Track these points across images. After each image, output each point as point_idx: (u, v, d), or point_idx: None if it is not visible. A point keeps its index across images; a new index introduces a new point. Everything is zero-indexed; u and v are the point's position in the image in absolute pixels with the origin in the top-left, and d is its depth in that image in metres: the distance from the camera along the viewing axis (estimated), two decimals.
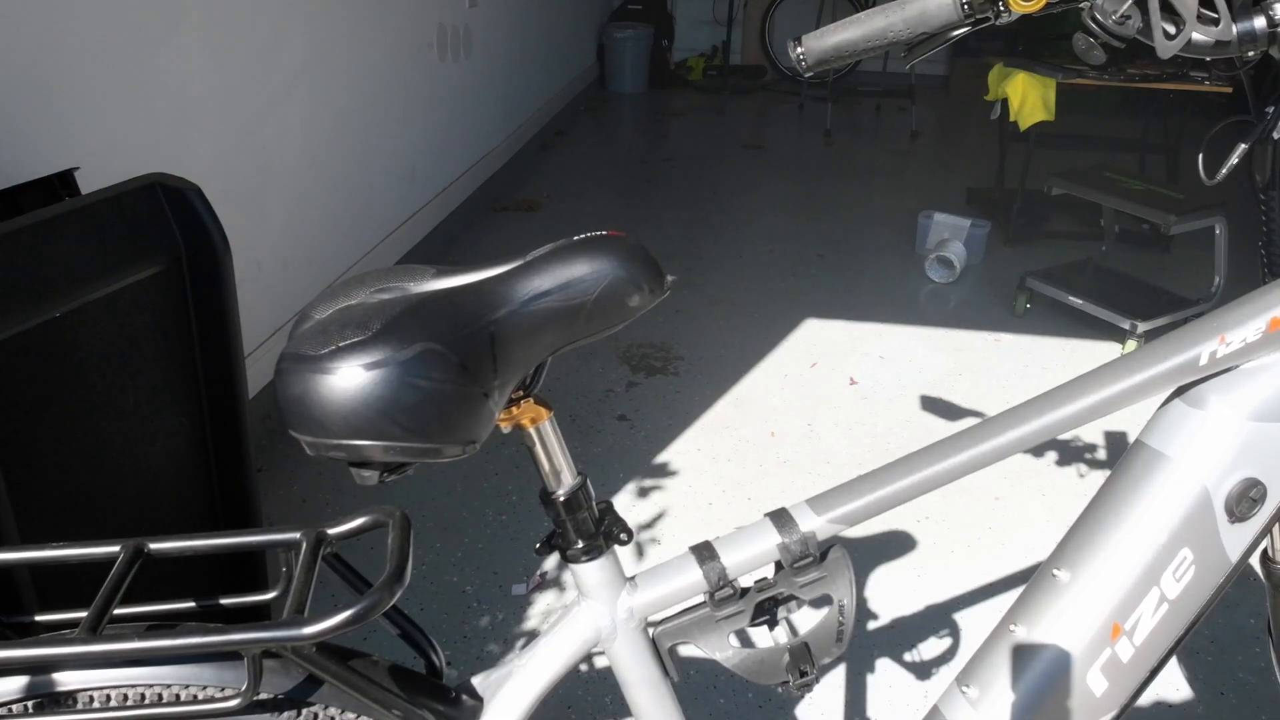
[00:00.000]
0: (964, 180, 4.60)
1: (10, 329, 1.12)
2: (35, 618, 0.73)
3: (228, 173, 2.18)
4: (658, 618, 0.85)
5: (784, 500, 0.73)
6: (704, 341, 3.03)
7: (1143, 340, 2.93)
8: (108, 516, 1.30)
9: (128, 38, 1.80)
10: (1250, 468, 0.81)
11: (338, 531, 0.69)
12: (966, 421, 2.58)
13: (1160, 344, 0.81)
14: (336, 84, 2.71)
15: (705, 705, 1.66)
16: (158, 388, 1.36)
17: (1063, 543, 0.88)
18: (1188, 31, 0.62)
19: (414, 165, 3.36)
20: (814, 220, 4.18)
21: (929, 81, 6.60)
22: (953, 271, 3.51)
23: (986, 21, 0.71)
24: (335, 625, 0.61)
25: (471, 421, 0.68)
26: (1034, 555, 2.07)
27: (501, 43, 4.27)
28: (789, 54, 0.77)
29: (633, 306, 0.71)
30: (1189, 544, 0.82)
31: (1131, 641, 0.83)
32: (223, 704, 0.67)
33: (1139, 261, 3.60)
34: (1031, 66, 3.45)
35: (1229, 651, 1.82)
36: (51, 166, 1.42)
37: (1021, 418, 0.81)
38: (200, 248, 1.35)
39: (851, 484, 0.83)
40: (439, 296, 0.70)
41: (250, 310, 2.25)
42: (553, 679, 0.83)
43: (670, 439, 2.49)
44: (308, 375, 0.65)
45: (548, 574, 1.97)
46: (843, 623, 0.81)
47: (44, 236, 1.17)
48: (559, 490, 0.80)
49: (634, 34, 6.34)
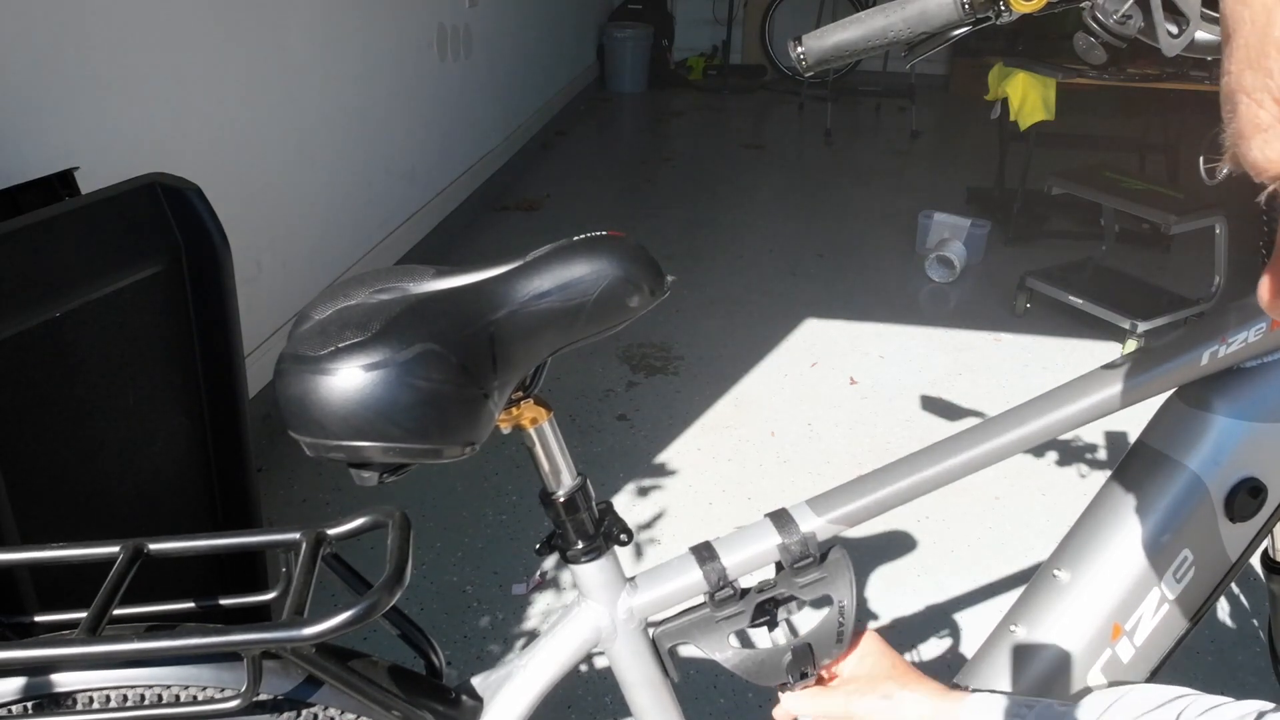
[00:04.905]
0: (964, 180, 4.60)
1: (10, 329, 1.11)
2: (35, 618, 0.73)
3: (228, 173, 2.17)
4: (658, 618, 0.85)
5: (784, 500, 0.73)
6: (704, 341, 3.03)
7: (1143, 340, 2.93)
8: (108, 516, 1.30)
9: (127, 37, 1.80)
10: (1250, 468, 0.81)
11: (337, 532, 0.69)
12: (966, 421, 2.58)
13: (1161, 344, 0.81)
14: (337, 84, 2.71)
15: (705, 705, 1.66)
16: (158, 388, 1.36)
17: (1063, 543, 0.88)
18: (1192, 30, 0.61)
19: (414, 165, 3.36)
20: (814, 220, 4.18)
21: (929, 81, 6.59)
22: (953, 271, 3.51)
23: (987, 21, 0.70)
24: (335, 626, 0.60)
25: (471, 422, 0.68)
26: (1034, 555, 2.07)
27: (501, 43, 4.26)
28: (789, 54, 0.77)
29: (633, 307, 0.71)
30: (1189, 544, 0.82)
31: (1132, 642, 0.83)
32: (222, 705, 0.66)
33: (1139, 261, 3.60)
34: (1031, 66, 3.45)
35: (1229, 651, 1.82)
36: (51, 166, 1.42)
37: (1021, 418, 0.81)
38: (200, 248, 1.34)
39: (851, 484, 0.83)
40: (439, 297, 0.69)
41: (250, 310, 2.25)
42: (553, 679, 0.83)
43: (670, 439, 2.49)
44: (307, 376, 0.65)
45: (548, 574, 1.97)
46: (843, 623, 0.81)
47: (44, 236, 1.17)
48: (559, 491, 0.80)
49: (634, 34, 6.34)
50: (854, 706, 0.78)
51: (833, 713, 0.79)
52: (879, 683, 0.79)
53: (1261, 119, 0.32)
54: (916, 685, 0.78)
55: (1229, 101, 0.33)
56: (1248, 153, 0.33)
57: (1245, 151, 0.33)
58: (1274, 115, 0.31)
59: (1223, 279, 3.02)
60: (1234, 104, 0.33)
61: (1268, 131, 0.32)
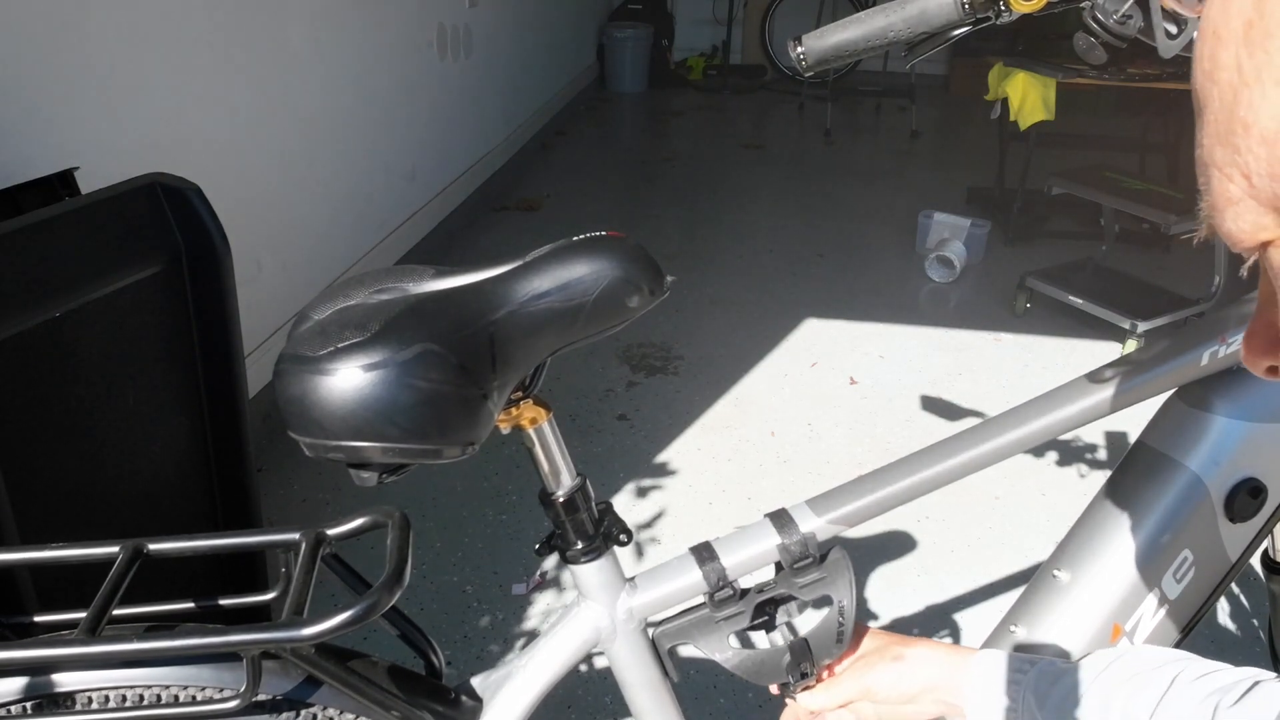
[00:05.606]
0: (964, 180, 4.60)
1: (10, 329, 1.11)
2: (35, 618, 0.73)
3: (228, 173, 2.17)
4: (657, 618, 0.85)
5: (784, 500, 0.73)
6: (704, 341, 3.03)
7: (1143, 340, 2.93)
8: (107, 516, 1.30)
9: (127, 38, 1.80)
10: (1250, 468, 0.81)
11: (337, 532, 0.69)
12: (966, 421, 2.58)
13: (1161, 344, 0.81)
14: (337, 83, 2.71)
15: (705, 705, 1.66)
16: (158, 388, 1.36)
17: (1063, 543, 0.88)
18: (1190, 30, 0.62)
19: (414, 165, 3.36)
20: (814, 220, 4.18)
21: (929, 81, 6.60)
22: (953, 271, 3.51)
23: (987, 21, 0.70)
24: (334, 626, 0.60)
25: (471, 422, 0.68)
26: (1034, 555, 2.07)
27: (501, 42, 4.26)
28: (789, 54, 0.77)
29: (632, 307, 0.71)
30: (1189, 545, 0.82)
31: (1132, 642, 0.83)
32: (222, 705, 0.66)
33: (1139, 261, 3.60)
34: (1031, 66, 3.45)
35: (1229, 651, 1.82)
36: (51, 166, 1.41)
37: (1021, 418, 0.81)
38: (200, 248, 1.34)
39: (851, 484, 0.83)
40: (438, 297, 0.69)
41: (250, 310, 2.25)
42: (552, 679, 0.83)
43: (670, 439, 2.49)
44: (306, 376, 0.65)
45: (548, 574, 1.97)
46: (843, 623, 0.80)
47: (44, 236, 1.17)
48: (558, 491, 0.80)
49: (634, 34, 6.34)
50: (867, 680, 0.79)
51: (849, 694, 0.80)
52: (886, 649, 0.80)
53: (1232, 193, 0.33)
54: (924, 644, 0.80)
55: (1203, 174, 0.34)
56: (1222, 224, 0.34)
57: (1220, 223, 0.34)
58: (1243, 189, 0.32)
59: (1223, 279, 3.01)
60: (1207, 177, 0.34)
61: (1239, 204, 0.33)
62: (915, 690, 0.78)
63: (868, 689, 0.79)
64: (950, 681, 0.77)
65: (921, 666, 0.78)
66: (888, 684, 0.78)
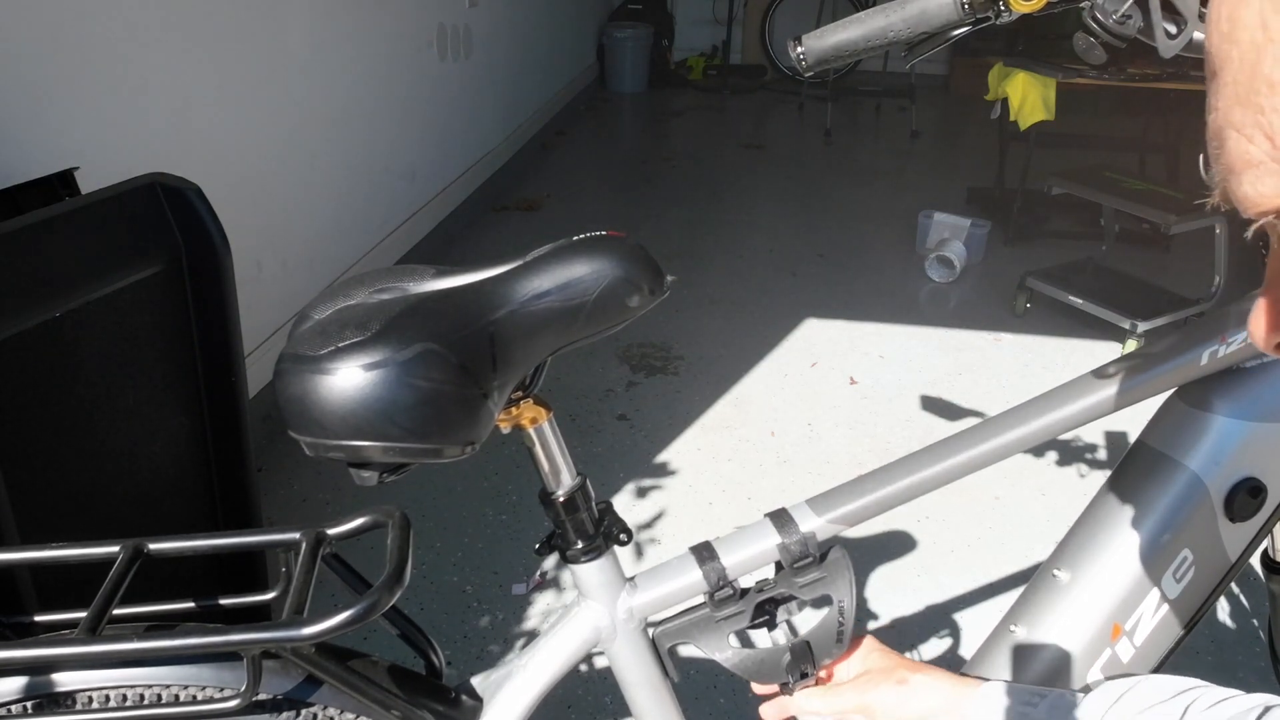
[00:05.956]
0: (964, 180, 4.60)
1: (10, 329, 1.11)
2: (35, 618, 0.73)
3: (228, 173, 2.17)
4: (658, 618, 0.85)
5: (784, 500, 0.73)
6: (704, 341, 3.03)
7: (1143, 340, 2.93)
8: (107, 516, 1.30)
9: (127, 37, 1.80)
10: (1250, 468, 0.80)
11: (337, 532, 0.69)
12: (966, 421, 2.58)
13: (1161, 344, 0.81)
14: (336, 83, 2.71)
15: (705, 705, 1.66)
16: (158, 388, 1.36)
17: (1063, 543, 0.88)
18: (1189, 31, 0.62)
19: (414, 164, 3.36)
20: (814, 220, 4.18)
21: (929, 81, 6.59)
22: (953, 271, 3.51)
23: (987, 21, 0.70)
24: (334, 626, 0.60)
25: (471, 422, 0.68)
26: (1034, 555, 2.07)
27: (501, 42, 4.26)
28: (789, 54, 0.77)
29: (632, 307, 0.71)
30: (1189, 544, 0.82)
31: (1132, 642, 0.83)
32: (222, 704, 0.66)
33: (1139, 261, 3.60)
34: (1031, 66, 3.45)
35: (1229, 651, 1.82)
36: (51, 166, 1.41)
37: (1021, 418, 0.81)
38: (200, 248, 1.34)
39: (851, 484, 0.83)
40: (438, 297, 0.69)
41: (250, 310, 2.25)
42: (552, 679, 0.83)
43: (670, 439, 2.49)
44: (307, 376, 0.65)
45: (548, 574, 1.97)
46: (843, 623, 0.81)
47: (44, 236, 1.17)
48: (558, 490, 0.80)
49: (634, 34, 6.33)
50: (869, 697, 0.78)
51: (848, 706, 0.79)
52: (892, 671, 0.79)
53: (1252, 154, 0.32)
54: (930, 672, 0.79)
55: (1216, 138, 0.33)
56: (1238, 188, 0.33)
57: (1235, 187, 0.33)
58: (1265, 151, 0.31)
59: (1223, 279, 3.01)
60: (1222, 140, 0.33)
61: (1259, 167, 0.32)
62: (914, 717, 0.77)
63: (867, 706, 0.78)
64: (951, 714, 0.76)
65: (925, 694, 0.77)
66: (888, 706, 0.77)
